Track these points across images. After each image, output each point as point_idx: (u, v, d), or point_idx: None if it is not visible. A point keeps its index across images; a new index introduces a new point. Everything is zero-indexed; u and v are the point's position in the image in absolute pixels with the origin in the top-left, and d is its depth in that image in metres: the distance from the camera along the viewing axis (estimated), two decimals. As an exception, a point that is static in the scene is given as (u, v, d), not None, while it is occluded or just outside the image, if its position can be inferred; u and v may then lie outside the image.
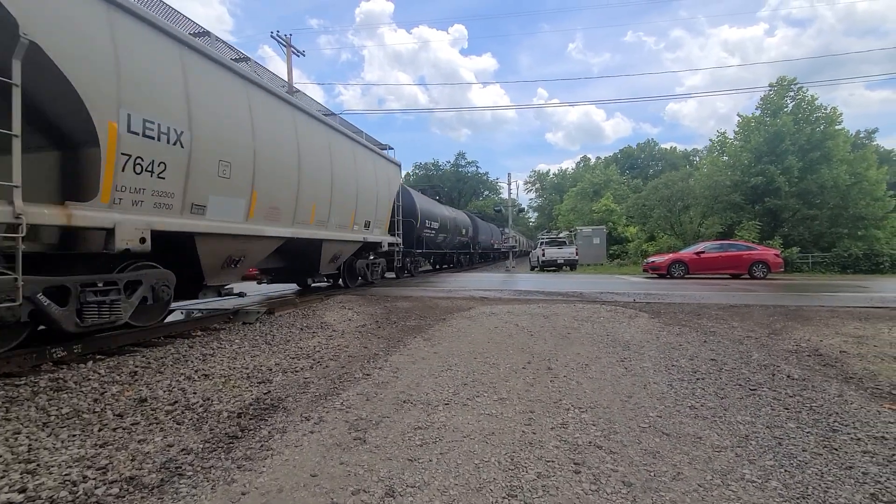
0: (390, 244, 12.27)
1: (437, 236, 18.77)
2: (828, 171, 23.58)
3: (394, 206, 12.49)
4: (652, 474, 2.25)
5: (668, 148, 66.90)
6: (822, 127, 24.49)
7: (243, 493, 2.11)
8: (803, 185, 23.51)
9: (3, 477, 2.21)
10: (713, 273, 16.65)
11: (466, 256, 27.41)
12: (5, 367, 3.80)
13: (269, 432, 2.81)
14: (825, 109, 24.91)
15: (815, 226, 24.14)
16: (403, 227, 13.71)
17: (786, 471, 2.28)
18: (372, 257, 11.92)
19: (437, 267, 23.90)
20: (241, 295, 7.25)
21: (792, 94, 25.43)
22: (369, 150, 10.88)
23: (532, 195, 78.92)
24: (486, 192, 75.70)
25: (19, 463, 2.36)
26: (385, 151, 12.56)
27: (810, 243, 23.85)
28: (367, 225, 10.43)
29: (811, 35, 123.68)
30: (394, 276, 15.37)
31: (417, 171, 74.62)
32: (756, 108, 26.76)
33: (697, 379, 3.84)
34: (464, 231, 24.13)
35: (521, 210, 47.24)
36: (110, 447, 2.59)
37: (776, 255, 16.73)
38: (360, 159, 10.01)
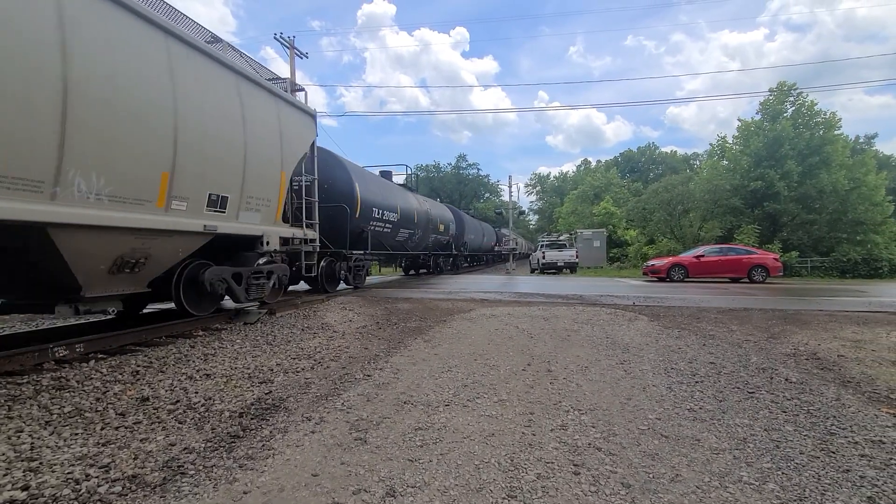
0: (287, 240, 7.55)
1: (398, 232, 13.83)
2: (827, 175, 23.66)
3: (304, 182, 8.35)
4: (651, 476, 2.27)
5: (669, 151, 67.08)
6: (821, 132, 24.58)
7: (245, 492, 2.13)
8: (802, 190, 23.59)
9: (6, 475, 2.22)
10: (713, 277, 16.67)
11: (448, 260, 22.13)
12: (7, 366, 3.82)
13: (271, 432, 2.83)
14: (824, 114, 25.03)
15: (814, 230, 24.20)
16: (328, 214, 9.45)
17: (783, 473, 2.30)
18: (261, 262, 7.07)
19: (410, 273, 20.39)
20: None
21: (792, 99, 25.53)
22: (232, 70, 6.14)
23: (532, 198, 79.11)
24: (487, 195, 75.71)
25: (22, 461, 2.37)
26: (291, 94, 8.60)
27: (809, 248, 23.91)
28: (221, 204, 5.79)
29: (811, 40, 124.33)
30: (308, 288, 10.58)
31: (419, 173, 74.62)
32: (756, 113, 26.90)
33: (696, 382, 3.86)
34: (442, 228, 19.15)
35: (522, 212, 47.28)
36: (113, 446, 2.60)
37: (775, 259, 16.76)
38: (196, 76, 5.37)
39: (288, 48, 19.95)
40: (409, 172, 19.56)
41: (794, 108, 25.37)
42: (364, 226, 11.34)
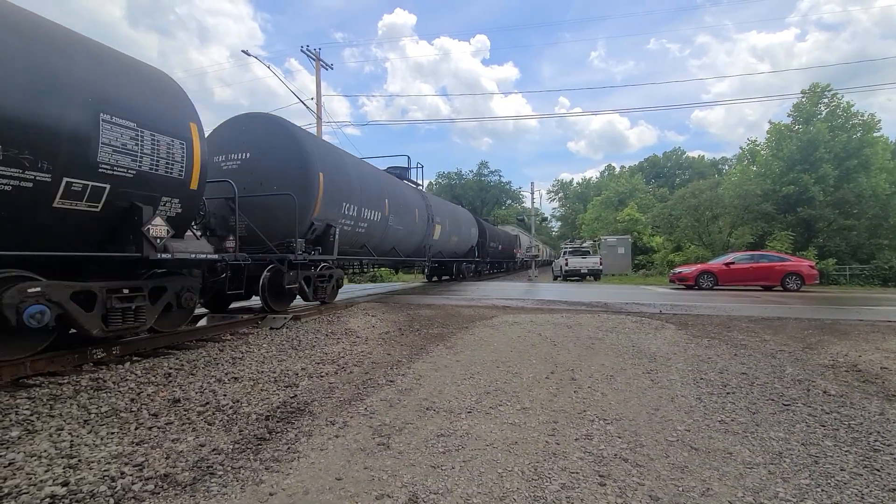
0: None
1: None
2: (866, 179, 22.61)
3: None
4: (680, 489, 2.20)
5: (696, 156, 65.55)
6: (858, 134, 23.54)
7: (271, 494, 2.16)
8: (839, 195, 22.58)
9: (47, 471, 2.33)
10: (744, 285, 16.13)
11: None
12: (50, 367, 4.01)
13: (296, 435, 2.88)
14: (862, 116, 23.99)
15: (852, 236, 23.12)
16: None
17: (823, 490, 2.20)
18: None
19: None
20: None
21: (826, 100, 24.58)
22: None
23: (555, 204, 78.45)
24: (509, 202, 75.51)
25: (62, 458, 2.48)
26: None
27: (847, 255, 22.83)
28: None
29: (845, 39, 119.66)
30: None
31: (440, 181, 75.16)
32: (787, 116, 26.00)
33: (728, 393, 3.74)
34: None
35: (544, 219, 46.88)
36: (146, 445, 2.69)
37: (811, 266, 16.09)
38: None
39: (314, 60, 20.43)
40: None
41: (828, 110, 24.42)
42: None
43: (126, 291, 4.48)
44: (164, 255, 4.60)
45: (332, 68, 21.59)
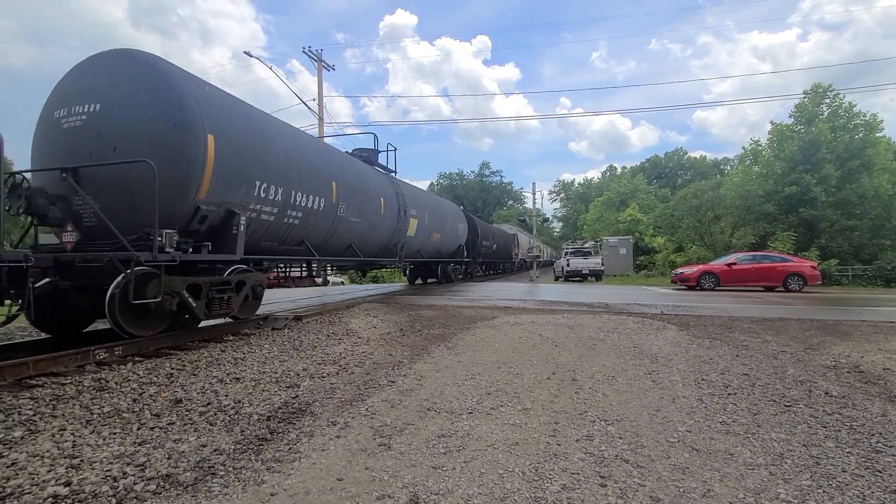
0: None
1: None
2: (868, 180, 22.55)
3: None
4: (681, 490, 2.20)
5: (698, 157, 65.45)
6: (861, 134, 23.48)
7: (272, 494, 2.17)
8: (842, 195, 22.53)
9: (50, 471, 2.34)
10: (746, 285, 16.10)
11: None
12: (53, 367, 4.02)
13: (297, 436, 2.88)
14: (864, 116, 23.93)
15: (854, 237, 23.06)
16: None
17: (824, 492, 2.19)
18: None
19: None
20: None
21: (828, 100, 24.53)
22: None
23: (556, 205, 78.43)
24: (511, 202, 75.55)
25: (65, 458, 2.49)
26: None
27: (850, 255, 22.77)
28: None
29: (847, 39, 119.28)
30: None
31: (442, 181, 75.25)
32: (789, 116, 25.94)
33: (729, 394, 3.73)
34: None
35: (546, 220, 46.87)
36: (148, 445, 2.70)
37: (813, 267, 16.05)
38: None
39: (316, 61, 20.46)
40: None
41: (830, 110, 24.37)
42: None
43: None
44: None
45: (333, 69, 21.63)
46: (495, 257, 26.02)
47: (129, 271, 4.60)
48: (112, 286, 4.63)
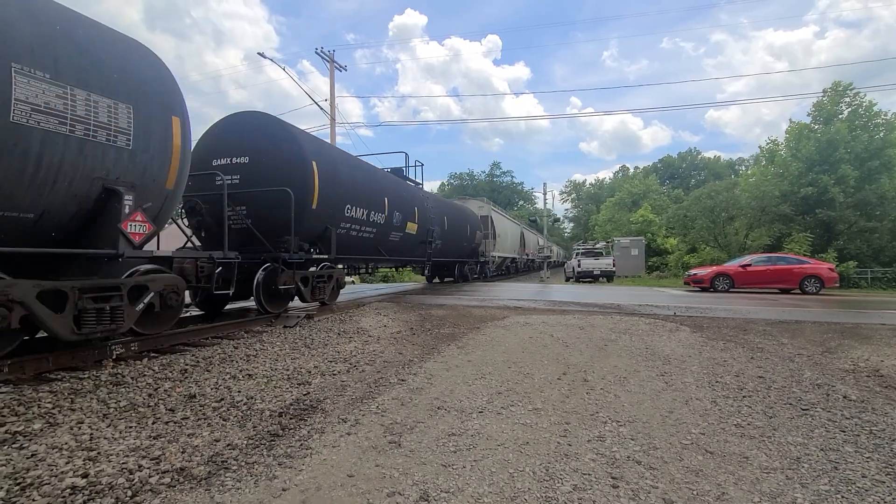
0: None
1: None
2: (889, 180, 22.04)
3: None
4: (694, 493, 2.17)
5: (712, 157, 64.59)
6: (881, 134, 22.95)
7: (284, 489, 2.19)
8: (860, 196, 22.02)
9: (68, 463, 2.38)
10: (761, 287, 15.83)
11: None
12: (71, 362, 4.11)
13: (309, 432, 2.90)
14: (885, 115, 23.38)
15: (874, 239, 22.53)
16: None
17: (843, 497, 2.15)
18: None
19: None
20: None
21: (847, 99, 24.00)
22: None
23: (568, 205, 78.00)
24: (521, 202, 75.29)
25: (82, 450, 2.54)
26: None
27: (869, 257, 22.26)
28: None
29: (867, 36, 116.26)
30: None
31: (452, 181, 75.29)
32: (807, 115, 25.44)
33: (744, 396, 3.67)
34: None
35: (557, 220, 46.60)
36: (163, 439, 2.74)
37: (830, 269, 15.71)
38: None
39: (328, 62, 20.59)
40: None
41: (850, 109, 23.84)
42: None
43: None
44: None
45: (345, 70, 21.75)
46: (454, 252, 16.35)
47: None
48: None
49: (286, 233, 6.94)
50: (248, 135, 7.31)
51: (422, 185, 14.45)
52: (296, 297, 7.69)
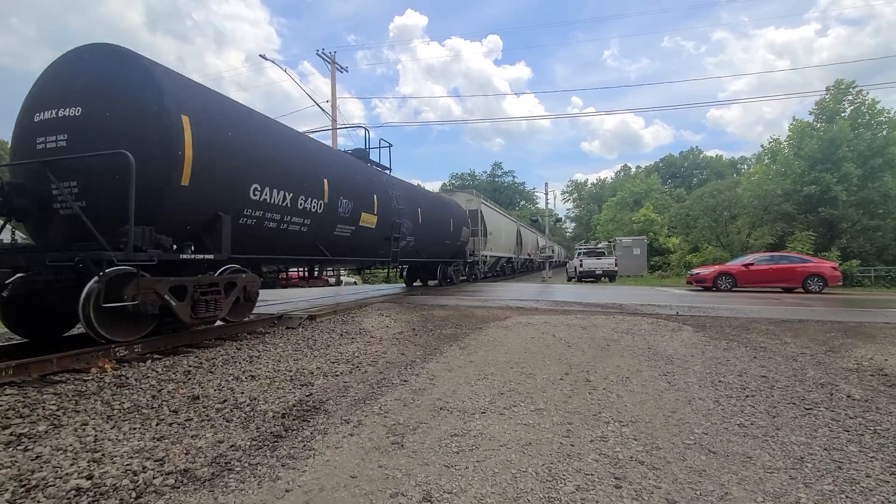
0: None
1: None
2: (892, 178, 21.98)
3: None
4: (697, 493, 2.17)
5: (713, 156, 64.47)
6: (884, 132, 22.88)
7: (287, 490, 2.19)
8: (864, 194, 21.96)
9: (72, 464, 2.40)
10: (763, 286, 15.79)
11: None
12: (76, 364, 4.12)
13: (311, 433, 2.91)
14: (888, 113, 23.31)
15: (877, 237, 22.46)
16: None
17: (847, 497, 2.14)
18: None
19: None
20: None
21: (850, 97, 23.93)
22: None
23: (569, 205, 77.97)
24: (523, 202, 75.29)
25: (87, 452, 2.55)
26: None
27: (872, 256, 22.19)
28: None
29: (869, 34, 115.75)
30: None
31: (454, 182, 75.30)
32: (810, 114, 25.38)
33: (747, 396, 3.66)
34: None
35: (558, 220, 46.56)
36: (166, 441, 2.75)
37: (833, 267, 15.67)
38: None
39: (329, 63, 20.62)
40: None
41: (853, 107, 23.76)
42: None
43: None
44: None
45: (346, 71, 21.79)
46: (425, 252, 13.54)
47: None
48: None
49: (126, 221, 4.40)
50: (85, 77, 4.86)
51: (389, 170, 11.56)
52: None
